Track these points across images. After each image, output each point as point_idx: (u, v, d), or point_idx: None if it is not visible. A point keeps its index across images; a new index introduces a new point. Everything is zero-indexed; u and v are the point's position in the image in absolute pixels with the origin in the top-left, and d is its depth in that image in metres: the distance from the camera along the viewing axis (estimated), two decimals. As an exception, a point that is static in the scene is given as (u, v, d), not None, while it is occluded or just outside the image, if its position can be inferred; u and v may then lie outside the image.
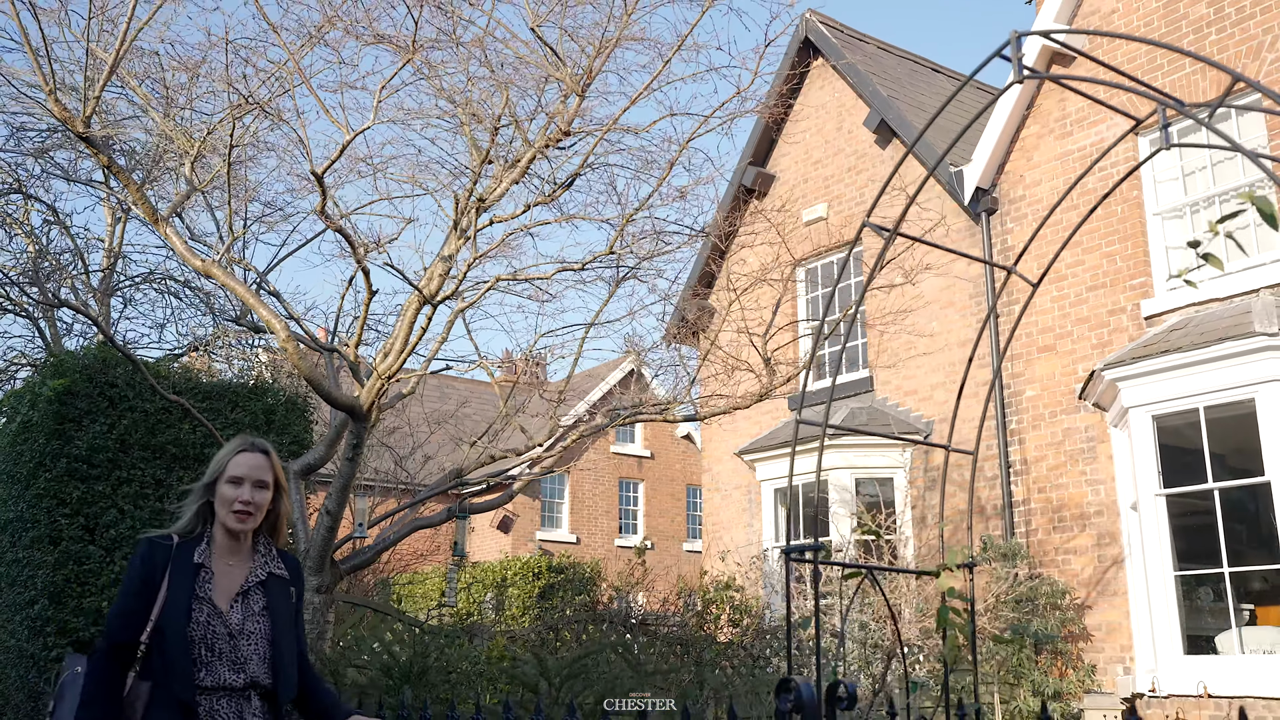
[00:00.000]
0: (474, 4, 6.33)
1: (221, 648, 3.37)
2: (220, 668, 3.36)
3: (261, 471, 3.55)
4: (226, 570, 3.51)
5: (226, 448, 3.59)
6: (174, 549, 3.47)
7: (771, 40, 6.79)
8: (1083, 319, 11.69)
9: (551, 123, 6.35)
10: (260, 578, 3.55)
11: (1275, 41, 10.48)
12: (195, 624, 3.34)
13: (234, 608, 3.45)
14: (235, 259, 7.43)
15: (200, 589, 3.41)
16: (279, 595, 3.58)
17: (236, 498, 3.48)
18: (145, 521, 7.31)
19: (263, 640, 3.46)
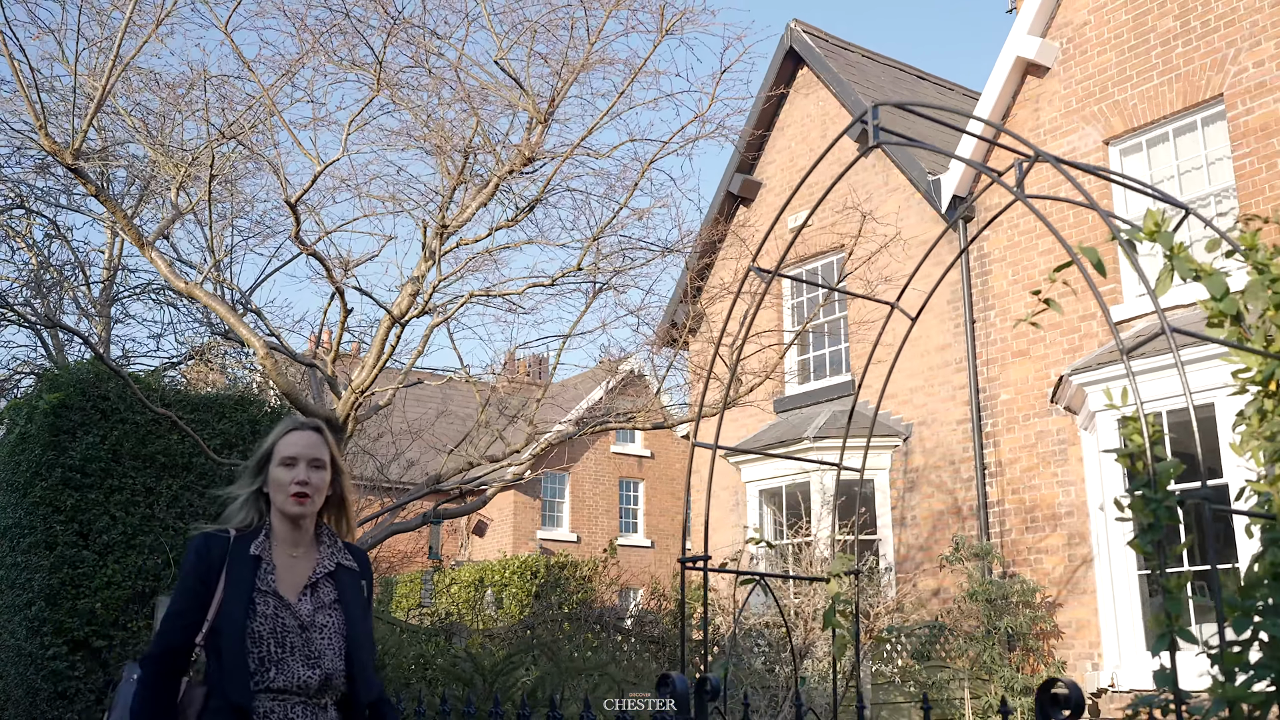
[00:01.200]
0: (442, 37, 6.67)
1: (293, 641, 3.05)
2: (293, 663, 3.02)
3: (316, 449, 3.22)
4: (290, 563, 3.19)
5: (277, 429, 3.30)
6: (230, 543, 3.13)
7: (727, 67, 7.11)
8: (1055, 324, 11.99)
9: (517, 150, 6.68)
10: (328, 568, 3.23)
11: (1239, 55, 10.77)
12: (261, 617, 3.03)
13: (303, 599, 3.13)
14: (219, 279, 7.78)
15: (262, 581, 3.10)
16: (350, 588, 3.24)
17: (292, 479, 3.15)
18: (136, 528, 7.68)
19: (336, 634, 3.13)
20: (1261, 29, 10.61)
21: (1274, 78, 10.46)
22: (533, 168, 6.83)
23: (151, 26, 6.57)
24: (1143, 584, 10.48)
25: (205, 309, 11.01)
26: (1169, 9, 11.42)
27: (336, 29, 6.30)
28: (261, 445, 3.29)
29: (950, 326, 13.13)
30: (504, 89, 6.77)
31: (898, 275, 13.74)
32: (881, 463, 13.62)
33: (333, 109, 11.87)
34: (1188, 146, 11.34)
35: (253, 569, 3.09)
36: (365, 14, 6.41)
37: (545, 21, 7.00)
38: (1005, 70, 12.70)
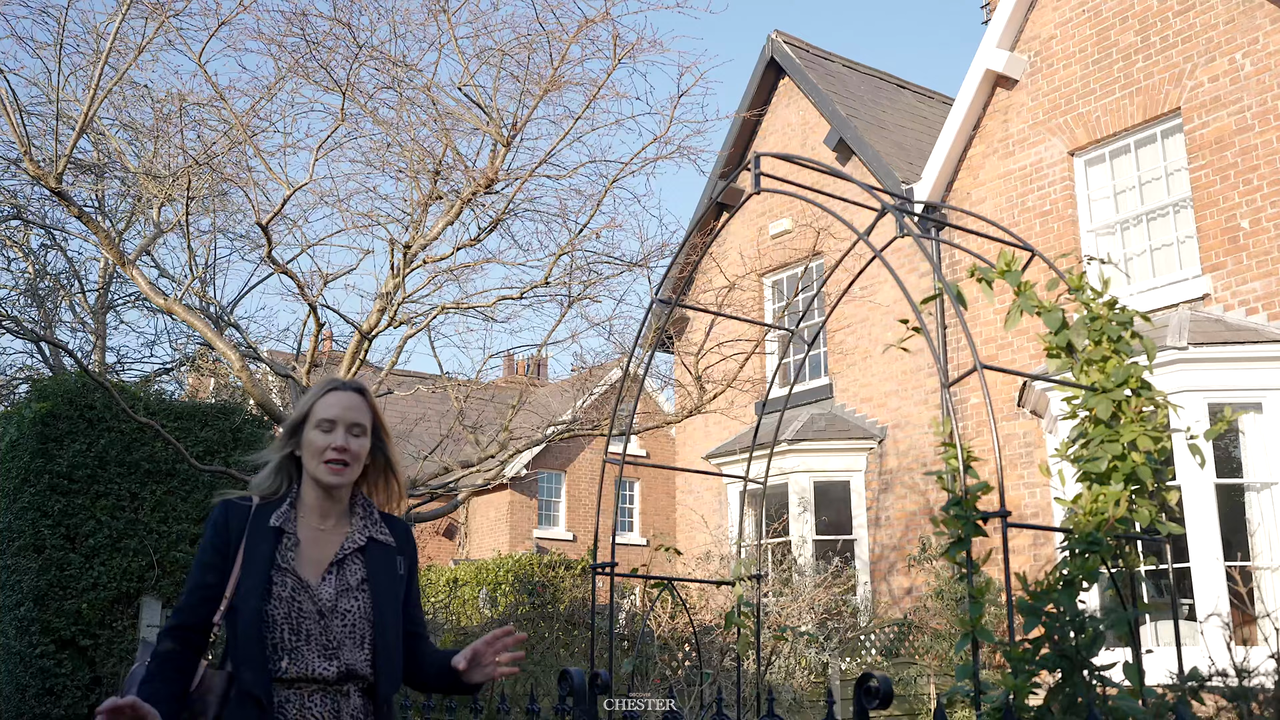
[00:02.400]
0: (410, 65, 7.02)
1: (310, 629, 2.74)
2: (308, 654, 2.73)
3: (357, 412, 2.89)
4: (317, 536, 2.85)
5: (313, 390, 2.96)
6: (252, 512, 2.82)
7: (684, 92, 7.45)
8: (1022, 330, 12.32)
9: (481, 173, 7.03)
10: (359, 543, 2.88)
11: (1195, 70, 11.09)
12: (276, 600, 2.72)
13: (325, 580, 2.80)
14: (201, 294, 8.16)
15: (282, 558, 2.78)
16: (382, 565, 2.89)
17: (329, 445, 2.82)
18: (121, 532, 8.06)
19: (361, 620, 2.80)
20: (1216, 45, 10.93)
21: (1227, 93, 10.78)
22: (497, 189, 7.18)
23: (133, 55, 6.91)
24: (1101, 582, 10.81)
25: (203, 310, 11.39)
26: (1130, 25, 11.74)
27: (310, 54, 6.64)
28: (299, 405, 2.95)
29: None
30: (470, 114, 7.11)
31: (874, 281, 14.10)
32: (857, 464, 13.96)
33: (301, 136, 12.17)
34: (1148, 158, 11.66)
35: (272, 543, 2.78)
36: (335, 43, 6.76)
37: (509, 49, 7.35)
38: (975, 82, 13.03)
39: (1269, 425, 9.99)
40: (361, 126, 7.16)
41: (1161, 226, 11.52)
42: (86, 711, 7.58)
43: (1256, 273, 10.37)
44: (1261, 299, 10.31)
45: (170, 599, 8.18)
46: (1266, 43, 10.57)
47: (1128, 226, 11.77)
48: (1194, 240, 11.04)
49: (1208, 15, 11.06)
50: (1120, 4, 11.89)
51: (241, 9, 6.35)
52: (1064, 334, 3.51)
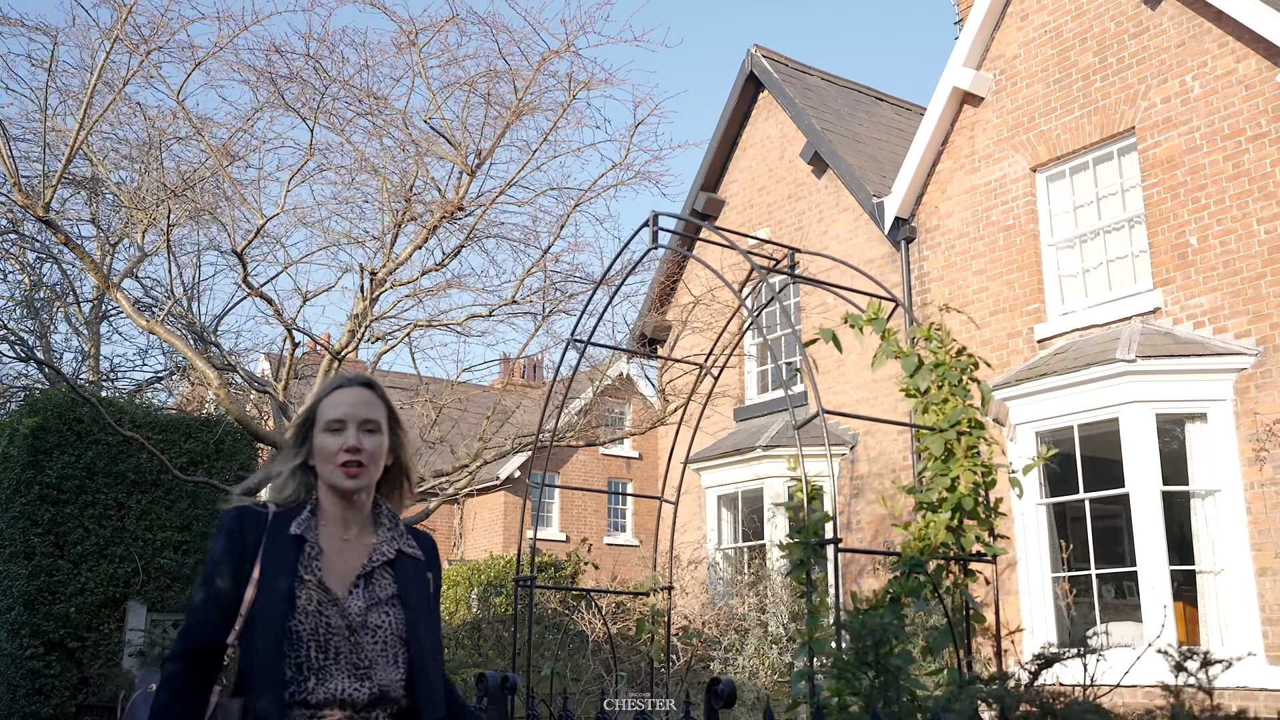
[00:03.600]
0: (380, 98, 7.44)
1: (338, 646, 2.50)
2: (337, 674, 2.49)
3: (368, 408, 2.69)
4: (340, 547, 2.64)
5: (316, 390, 2.82)
6: (269, 521, 2.61)
7: (640, 121, 7.92)
8: (985, 341, 12.72)
9: (448, 201, 7.46)
10: (387, 556, 2.68)
11: (1149, 90, 11.48)
12: (302, 614, 2.49)
13: (353, 593, 2.58)
14: (183, 314, 8.60)
15: (306, 569, 2.55)
16: (414, 581, 2.68)
17: (340, 446, 2.62)
18: (108, 539, 8.51)
19: (393, 637, 2.58)
20: (1168, 67, 11.32)
21: (1178, 113, 11.17)
22: (460, 217, 7.60)
23: (119, 88, 7.32)
24: (1054, 585, 11.24)
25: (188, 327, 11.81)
26: (1089, 46, 12.14)
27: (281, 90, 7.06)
28: (302, 410, 2.76)
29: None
30: (436, 145, 7.53)
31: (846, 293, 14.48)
32: (829, 470, 14.34)
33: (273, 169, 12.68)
34: (1106, 175, 12.05)
35: (294, 553, 2.56)
36: (305, 81, 7.18)
37: (476, 81, 7.76)
38: (943, 99, 13.42)
39: (1213, 435, 10.39)
40: (330, 160, 7.58)
41: (1117, 241, 11.91)
42: (74, 710, 8.01)
43: (1204, 288, 10.76)
44: (1208, 313, 10.70)
45: (155, 604, 8.63)
46: (1214, 66, 10.96)
47: (1086, 240, 12.16)
48: (1147, 255, 11.44)
49: (1160, 38, 11.45)
50: (1080, 26, 12.28)
51: (216, 49, 6.81)
52: (916, 377, 3.88)
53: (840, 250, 14.76)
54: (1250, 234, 10.47)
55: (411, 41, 7.56)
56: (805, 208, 15.51)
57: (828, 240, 14.99)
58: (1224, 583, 10.20)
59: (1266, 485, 10.02)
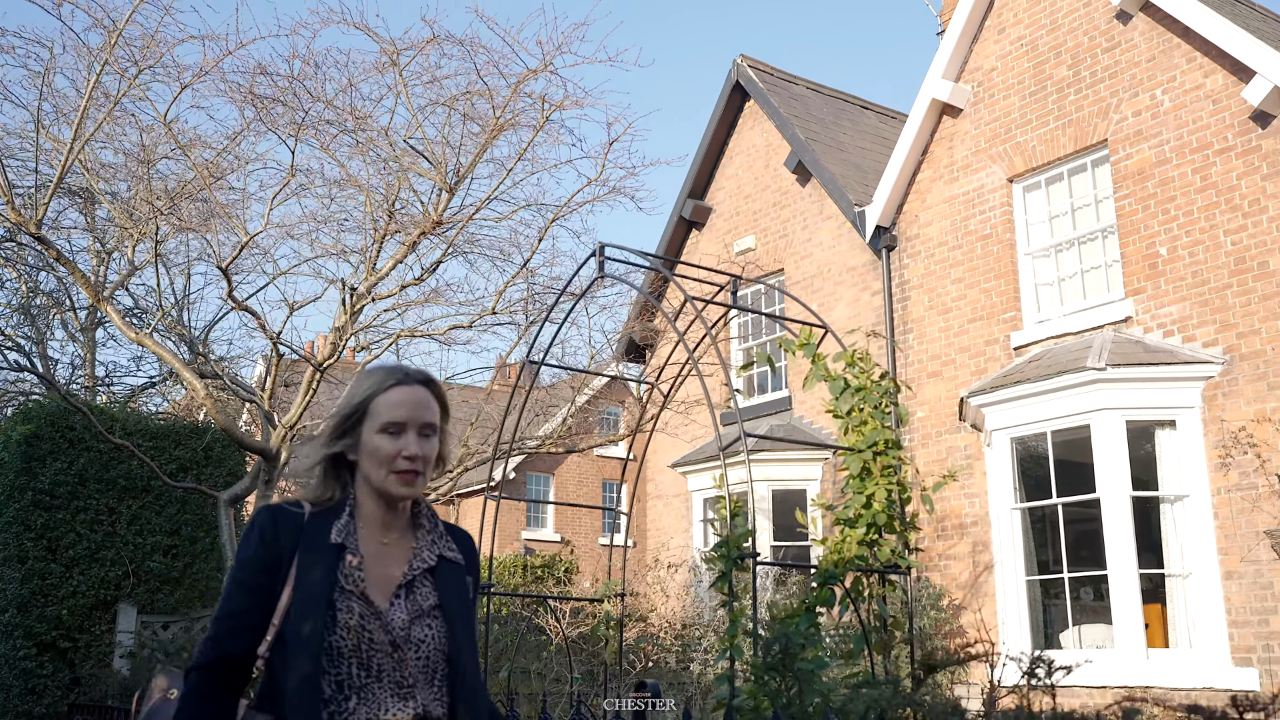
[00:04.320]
0: (363, 116, 7.69)
1: (381, 663, 2.33)
2: (380, 693, 2.32)
3: (428, 411, 2.49)
4: (380, 552, 2.46)
5: (369, 380, 2.51)
6: (305, 521, 2.43)
7: (615, 139, 8.14)
8: (964, 348, 12.97)
9: (427, 216, 7.71)
10: (428, 562, 2.50)
11: (1121, 104, 11.73)
12: (343, 629, 2.32)
13: (395, 605, 2.40)
14: (173, 325, 8.88)
15: (348, 579, 2.37)
16: (455, 589, 2.50)
17: (399, 452, 2.43)
18: (99, 544, 8.77)
19: (435, 652, 2.41)
20: (1139, 81, 11.57)
21: (1148, 127, 11.42)
22: (440, 231, 7.86)
23: (109, 108, 7.58)
24: (1030, 587, 11.50)
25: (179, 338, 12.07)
26: (1063, 59, 12.38)
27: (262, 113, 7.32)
28: (349, 397, 2.51)
29: (874, 348, 14.09)
30: (416, 164, 7.78)
31: (830, 299, 14.75)
32: (813, 474, 14.61)
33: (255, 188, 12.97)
34: (1080, 186, 12.30)
35: (334, 560, 2.38)
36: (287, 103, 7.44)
37: (456, 100, 8.01)
38: (923, 111, 13.67)
39: (1182, 441, 10.64)
40: (313, 178, 7.85)
41: (1091, 251, 12.16)
42: (66, 709, 8.27)
43: (1173, 297, 11.00)
44: (1177, 322, 10.95)
45: (145, 606, 8.90)
46: (1183, 80, 11.20)
47: (1061, 250, 12.40)
48: (1119, 265, 11.68)
49: (1132, 53, 11.70)
50: (1055, 39, 12.53)
51: (202, 73, 7.05)
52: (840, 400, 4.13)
53: (823, 258, 15.02)
54: (1217, 245, 10.72)
55: (393, 62, 7.81)
56: (790, 215, 15.75)
57: (811, 248, 15.25)
58: (1192, 586, 10.45)
59: (1232, 491, 10.26)
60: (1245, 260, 10.50)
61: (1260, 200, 10.45)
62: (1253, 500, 10.09)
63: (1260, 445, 10.11)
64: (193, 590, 9.19)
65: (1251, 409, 10.25)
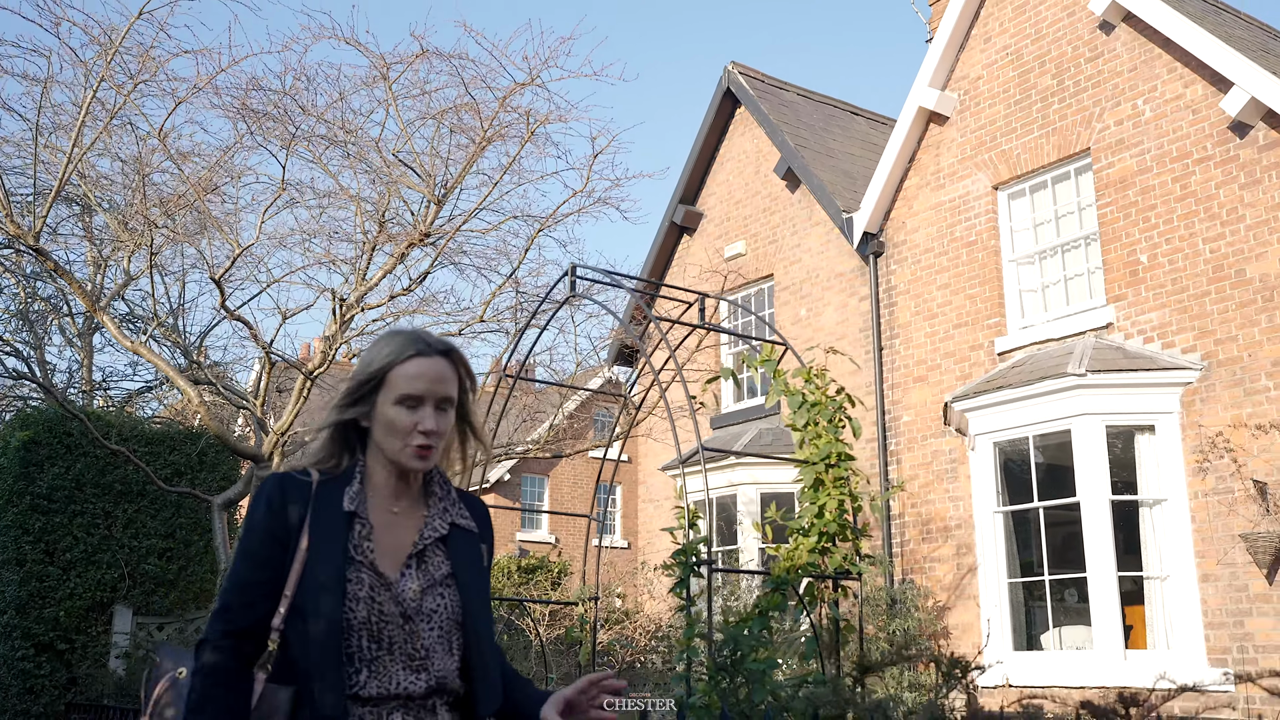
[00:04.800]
0: (352, 130, 7.88)
1: (393, 635, 2.29)
2: (392, 665, 2.28)
3: (447, 384, 2.40)
4: (390, 521, 2.40)
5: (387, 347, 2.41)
6: (314, 489, 2.35)
7: (599, 152, 8.36)
8: (949, 353, 13.15)
9: (415, 228, 7.91)
10: (440, 531, 2.44)
11: (1103, 113, 11.92)
12: (353, 600, 2.27)
13: (406, 575, 2.35)
14: (168, 334, 9.07)
15: (358, 549, 2.31)
16: (468, 557, 2.44)
17: (415, 426, 2.36)
18: (95, 547, 8.96)
19: (449, 622, 2.37)
20: (1121, 91, 11.75)
21: (1130, 135, 11.60)
22: (430, 241, 8.05)
23: (106, 121, 7.75)
24: (1012, 589, 11.69)
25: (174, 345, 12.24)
26: (1048, 69, 12.57)
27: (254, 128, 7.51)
28: (366, 363, 2.43)
29: (862, 353, 14.28)
30: (405, 177, 7.97)
31: (818, 304, 14.94)
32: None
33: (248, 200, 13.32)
34: (1064, 194, 12.48)
35: (344, 530, 2.32)
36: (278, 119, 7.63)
37: (445, 114, 8.20)
38: (910, 118, 13.85)
39: (1161, 446, 10.82)
40: (306, 190, 8.03)
41: (1075, 258, 12.34)
42: (63, 708, 8.45)
43: (1153, 304, 11.19)
44: (1157, 329, 11.13)
45: (140, 608, 9.09)
46: (1164, 90, 11.39)
47: (1045, 257, 12.59)
48: (1101, 272, 11.86)
49: (1114, 62, 11.88)
50: (1039, 49, 12.71)
51: (195, 90, 7.24)
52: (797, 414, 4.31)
53: (812, 263, 15.20)
54: (1196, 253, 10.90)
55: (383, 76, 7.99)
56: (779, 221, 15.93)
57: (800, 253, 15.43)
58: (1170, 588, 10.63)
59: (1209, 495, 10.44)
60: (1223, 268, 10.68)
61: (1238, 209, 10.63)
62: (1229, 504, 10.27)
63: (1236, 450, 10.29)
64: (187, 592, 9.39)
65: (1228, 414, 10.43)
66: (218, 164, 7.73)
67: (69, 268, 11.08)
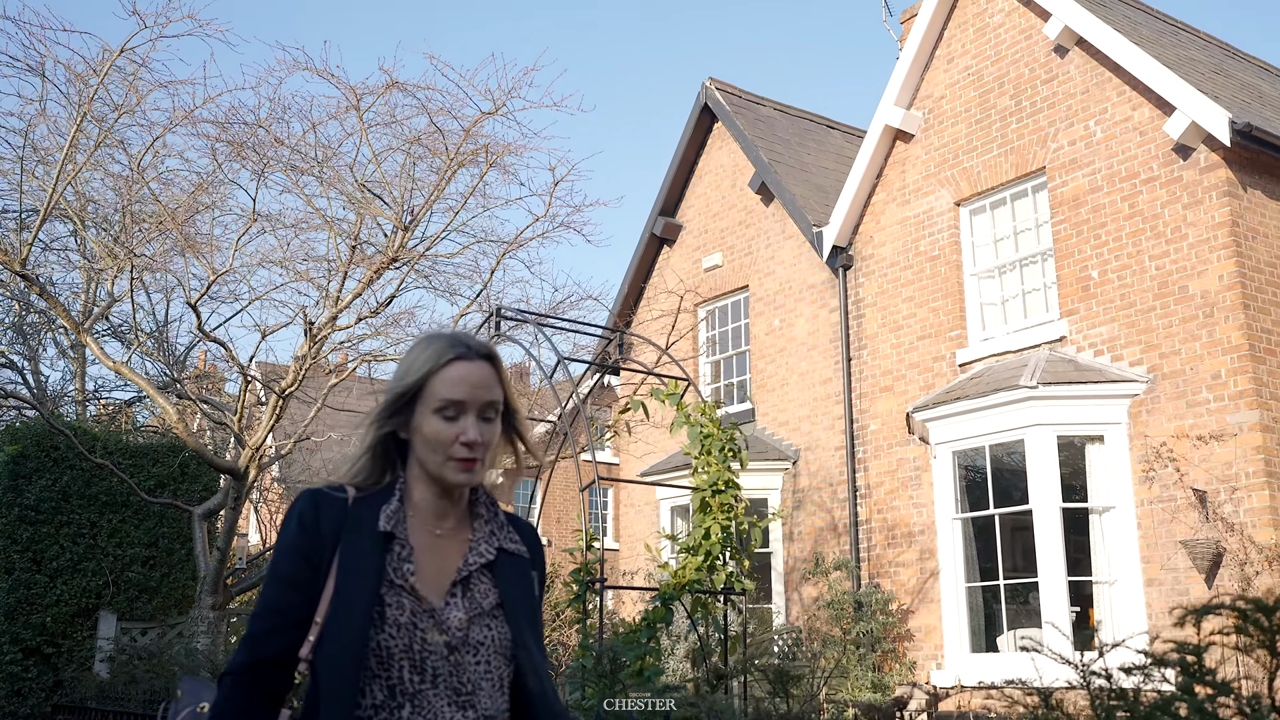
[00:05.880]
0: (323, 162, 8.33)
1: (436, 667, 2.11)
2: (436, 700, 2.10)
3: (489, 389, 2.23)
4: (432, 544, 2.22)
5: (426, 351, 2.23)
6: (349, 507, 2.19)
7: (560, 180, 8.81)
8: (914, 364, 13.57)
9: (382, 255, 8.36)
10: (487, 556, 2.26)
11: (1058, 133, 12.34)
12: (393, 627, 2.09)
13: (451, 603, 2.17)
14: (150, 353, 9.54)
15: (396, 572, 2.14)
16: (518, 585, 2.27)
17: (457, 437, 2.18)
18: (81, 555, 9.41)
19: (497, 656, 2.19)
20: (1074, 112, 12.18)
21: (1083, 155, 12.03)
22: (399, 264, 8.49)
23: (90, 151, 8.19)
24: (970, 593, 12.11)
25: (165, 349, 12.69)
26: (1006, 89, 13.00)
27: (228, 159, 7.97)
28: (404, 372, 2.25)
29: (832, 363, 14.71)
30: (373, 205, 8.42)
31: (791, 315, 15.36)
32: (774, 483, 15.22)
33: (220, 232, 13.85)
34: (1022, 210, 12.91)
35: (380, 551, 2.15)
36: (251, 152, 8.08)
37: (416, 141, 8.64)
38: (876, 136, 14.28)
39: (1109, 455, 11.24)
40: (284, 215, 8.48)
41: (1032, 272, 12.77)
42: (49, 710, 8.90)
43: (1103, 318, 11.61)
44: (1107, 342, 11.55)
45: (124, 613, 9.53)
46: (1114, 113, 11.81)
47: (1005, 271, 13.01)
48: (1055, 287, 12.29)
49: (1068, 84, 12.31)
50: (999, 70, 13.14)
51: (172, 125, 7.68)
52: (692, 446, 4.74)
53: (785, 275, 15.62)
54: (1143, 270, 11.32)
55: (354, 106, 8.43)
56: (754, 234, 16.36)
57: (774, 265, 15.85)
58: (1118, 592, 11.05)
59: (1155, 503, 10.87)
60: (1168, 284, 11.10)
61: (1181, 228, 11.06)
62: (1172, 512, 10.70)
63: (1179, 460, 10.72)
64: (169, 599, 9.84)
65: (1172, 425, 10.85)
66: (195, 193, 8.17)
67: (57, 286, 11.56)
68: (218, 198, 8.67)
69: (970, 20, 13.65)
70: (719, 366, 16.83)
